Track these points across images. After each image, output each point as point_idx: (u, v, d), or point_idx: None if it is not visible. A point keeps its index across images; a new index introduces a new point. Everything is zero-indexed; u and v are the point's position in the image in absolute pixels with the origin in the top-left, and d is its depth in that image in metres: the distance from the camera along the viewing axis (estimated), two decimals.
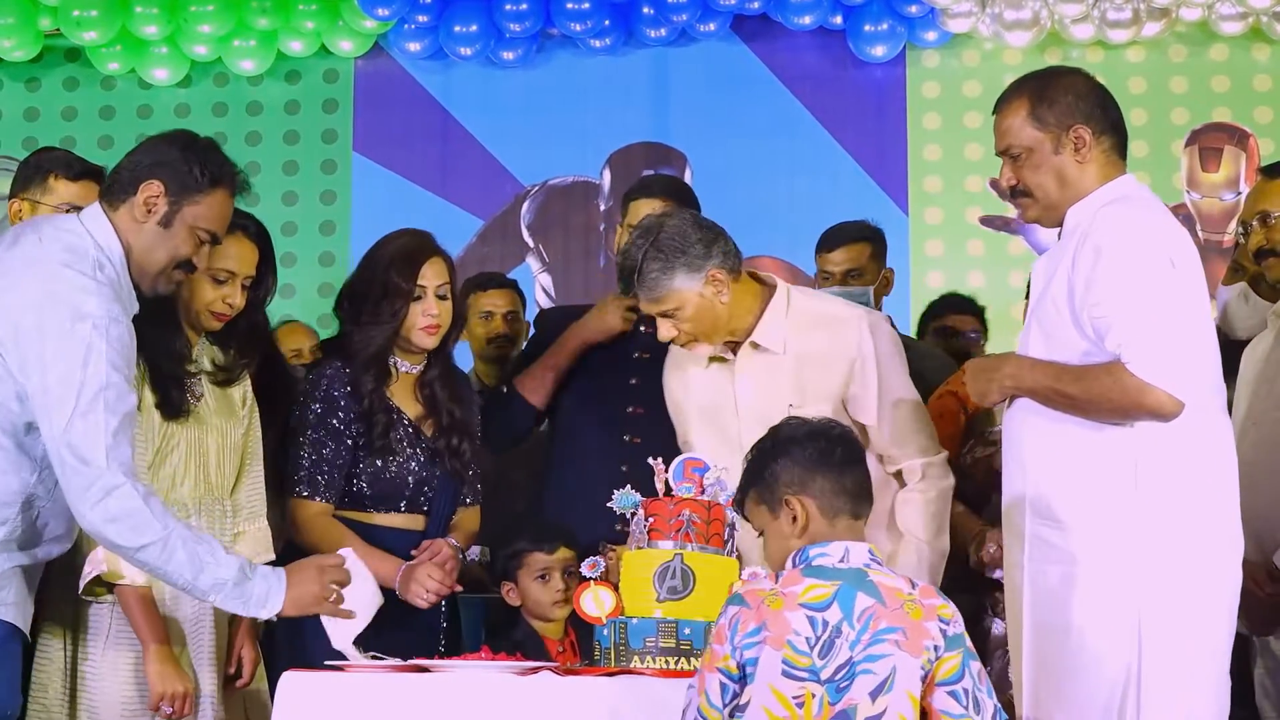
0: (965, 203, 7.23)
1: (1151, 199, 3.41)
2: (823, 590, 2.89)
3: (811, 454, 3.03)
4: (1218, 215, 7.21)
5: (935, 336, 5.44)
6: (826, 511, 3.00)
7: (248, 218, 3.76)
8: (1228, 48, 7.25)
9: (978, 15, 7.09)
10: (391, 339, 4.04)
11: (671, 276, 3.79)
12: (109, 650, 3.59)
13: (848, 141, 7.36)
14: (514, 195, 7.49)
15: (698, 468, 3.56)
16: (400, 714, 3.25)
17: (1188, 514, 3.24)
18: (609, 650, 3.46)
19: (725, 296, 3.83)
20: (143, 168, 3.37)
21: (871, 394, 3.87)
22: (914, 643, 2.87)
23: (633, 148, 7.48)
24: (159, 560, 3.25)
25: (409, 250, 4.10)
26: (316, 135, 7.59)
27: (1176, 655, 3.21)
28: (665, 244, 3.80)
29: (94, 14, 7.25)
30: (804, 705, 2.84)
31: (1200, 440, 3.26)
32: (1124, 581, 3.22)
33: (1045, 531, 3.31)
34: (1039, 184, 3.41)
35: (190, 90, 7.60)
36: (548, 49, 7.51)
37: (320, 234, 7.50)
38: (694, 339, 3.88)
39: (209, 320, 3.70)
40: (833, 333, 3.92)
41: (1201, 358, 3.27)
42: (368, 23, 7.35)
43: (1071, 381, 3.28)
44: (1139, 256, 3.24)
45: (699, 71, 7.46)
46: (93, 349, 3.19)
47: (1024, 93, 3.43)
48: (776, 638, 2.85)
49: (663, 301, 3.82)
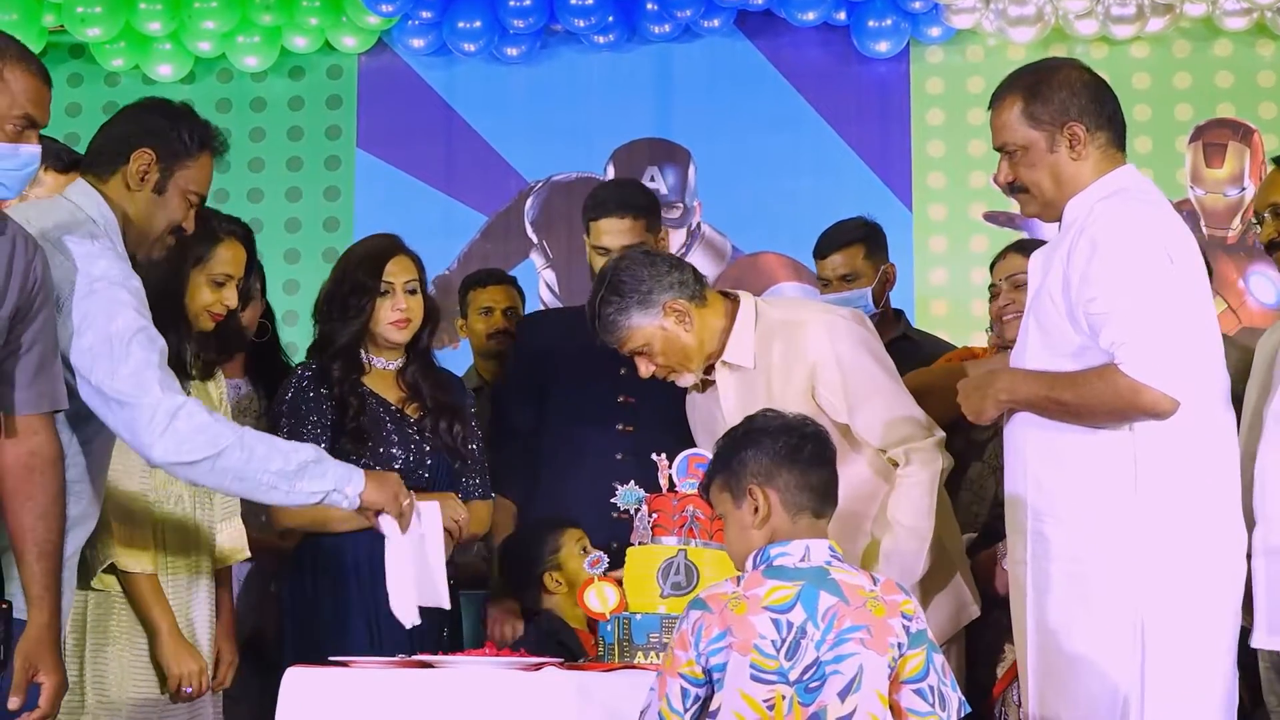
0: (969, 199, 7.23)
1: (1149, 191, 3.39)
2: (785, 592, 2.88)
3: (781, 447, 3.02)
4: (1222, 211, 7.20)
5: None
6: (789, 507, 2.99)
7: (235, 222, 3.97)
8: (1232, 43, 7.24)
9: (981, 11, 7.08)
10: (360, 333, 4.15)
11: (628, 316, 3.86)
12: (118, 640, 3.62)
13: (851, 137, 7.36)
14: (518, 191, 7.49)
15: (702, 463, 3.56)
16: (405, 709, 3.25)
17: (1188, 511, 3.23)
18: (613, 646, 3.46)
19: (689, 324, 3.88)
20: (131, 137, 3.39)
21: (839, 395, 3.86)
22: (879, 640, 2.87)
23: (636, 144, 7.47)
24: (242, 461, 3.25)
25: (375, 249, 4.24)
26: (320, 131, 7.59)
27: (1180, 653, 3.20)
28: (618, 287, 3.87)
29: (98, 10, 7.26)
30: (774, 708, 2.84)
31: (1200, 437, 3.25)
32: (1125, 580, 3.21)
33: (1047, 530, 3.31)
34: (1035, 181, 3.40)
35: (194, 86, 7.59)
36: (551, 45, 7.51)
37: (324, 230, 7.50)
38: (671, 370, 3.94)
39: (205, 321, 3.84)
40: (789, 340, 3.93)
41: (1198, 353, 3.24)
42: (371, 19, 7.35)
43: (1066, 388, 3.26)
44: (1134, 251, 3.22)
45: (703, 67, 7.46)
46: (115, 302, 3.20)
47: (1017, 89, 3.40)
48: (743, 643, 2.85)
49: (627, 342, 3.90)
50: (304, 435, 4.03)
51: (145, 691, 3.64)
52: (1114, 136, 3.40)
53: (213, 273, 3.83)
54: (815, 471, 3.02)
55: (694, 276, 3.94)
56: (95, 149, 3.43)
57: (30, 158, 3.08)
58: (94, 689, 3.59)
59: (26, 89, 3.08)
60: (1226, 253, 7.12)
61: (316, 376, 4.15)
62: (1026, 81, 3.41)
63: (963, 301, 7.07)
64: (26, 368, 3.06)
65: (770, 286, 7.26)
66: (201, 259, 3.84)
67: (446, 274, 7.06)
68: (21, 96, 3.08)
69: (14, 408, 3.07)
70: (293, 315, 5.96)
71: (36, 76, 3.11)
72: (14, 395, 3.07)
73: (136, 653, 3.66)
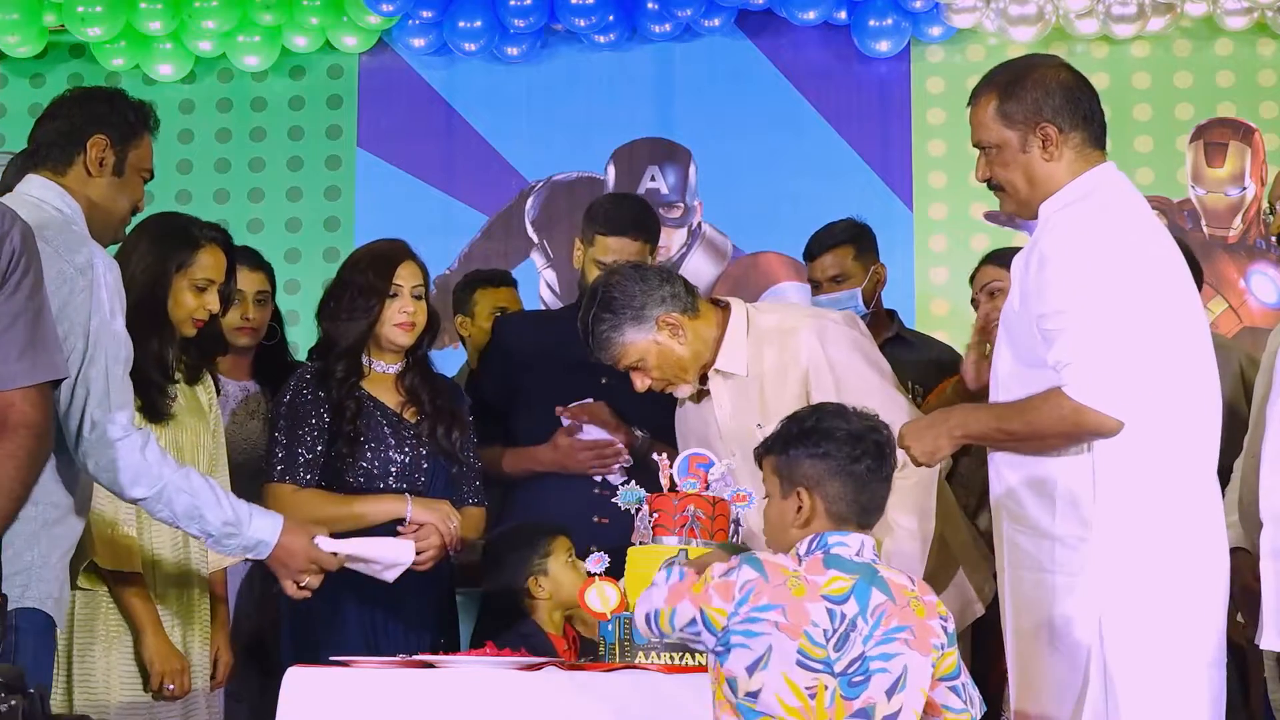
0: (969, 198, 7.21)
1: (1116, 196, 3.33)
2: (843, 583, 2.89)
3: (841, 459, 3.00)
4: (1223, 210, 7.19)
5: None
6: (833, 516, 2.99)
7: (214, 228, 4.03)
8: (1232, 43, 7.23)
9: (982, 10, 7.08)
10: (366, 334, 4.17)
11: (621, 333, 3.89)
12: (104, 640, 3.64)
13: (852, 137, 7.35)
14: (518, 191, 7.48)
15: (703, 463, 3.57)
16: (405, 710, 3.26)
17: (1147, 521, 3.20)
18: (613, 646, 3.46)
19: (683, 337, 3.91)
20: (82, 126, 3.41)
21: (833, 399, 3.86)
22: (922, 641, 2.89)
23: (637, 143, 7.47)
24: (158, 508, 3.31)
25: (384, 252, 4.26)
26: (321, 131, 7.58)
27: (1140, 659, 3.18)
28: (610, 303, 3.91)
29: (98, 10, 7.25)
30: (816, 696, 2.84)
31: (1162, 447, 3.21)
32: (1083, 589, 3.21)
33: (1019, 538, 3.32)
34: (1009, 180, 3.38)
35: (194, 86, 7.59)
36: (552, 44, 7.50)
37: (325, 230, 7.50)
38: (667, 383, 3.97)
39: (189, 327, 3.91)
40: (781, 346, 3.96)
41: (1155, 365, 3.19)
42: (372, 18, 7.35)
43: (1014, 417, 3.27)
44: (1080, 266, 3.18)
45: (703, 67, 7.45)
46: (94, 298, 3.20)
47: (993, 88, 3.39)
48: (794, 626, 2.84)
49: (621, 358, 3.93)
50: (302, 438, 4.05)
51: (135, 692, 3.65)
52: (1090, 136, 3.36)
53: (195, 278, 3.89)
54: (869, 488, 3.00)
55: (685, 288, 3.96)
56: (44, 144, 3.43)
57: None
58: (81, 689, 3.60)
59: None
60: (1227, 252, 7.11)
61: (317, 378, 4.16)
62: (1002, 80, 3.39)
63: (963, 301, 7.00)
64: (14, 341, 2.95)
65: (771, 286, 7.26)
66: (183, 265, 3.89)
67: (447, 274, 7.05)
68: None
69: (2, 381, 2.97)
70: (293, 315, 5.94)
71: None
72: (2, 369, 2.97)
73: (124, 653, 3.68)
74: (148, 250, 3.87)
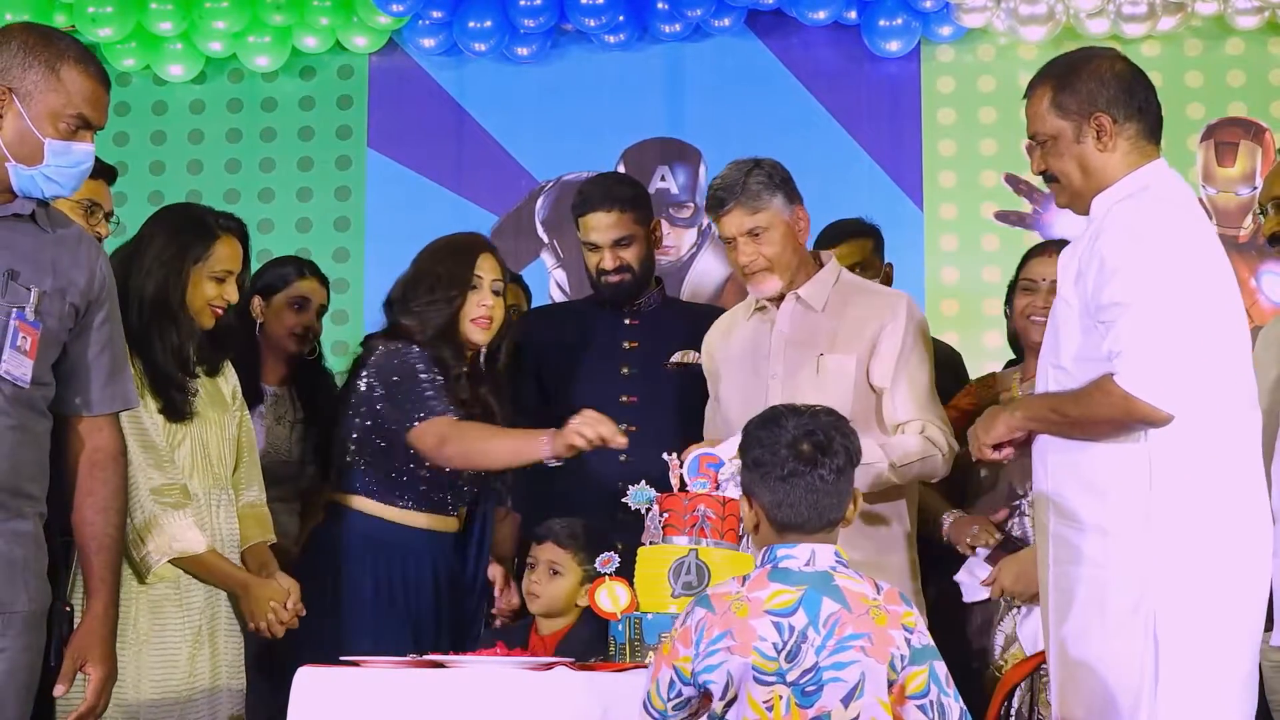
0: (980, 198, 7.21)
1: (1173, 191, 3.37)
2: (788, 596, 2.87)
3: (771, 466, 2.95)
4: (1234, 210, 7.18)
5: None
6: (777, 524, 2.96)
7: (230, 218, 4.04)
8: (1243, 42, 7.22)
9: (992, 10, 7.07)
10: (450, 322, 4.04)
11: (774, 194, 4.10)
12: (135, 643, 3.66)
13: (862, 136, 7.34)
14: (528, 191, 7.49)
15: (712, 463, 3.57)
16: (416, 709, 3.26)
17: (1203, 515, 3.22)
18: (624, 646, 3.46)
19: (802, 238, 4.14)
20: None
21: (892, 360, 4.02)
22: (880, 649, 2.86)
23: (647, 143, 7.47)
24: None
25: (466, 242, 4.19)
26: (331, 131, 7.59)
27: (1193, 655, 3.19)
28: (771, 170, 4.14)
29: (109, 10, 7.26)
30: (773, 709, 2.84)
31: (1215, 440, 3.24)
32: (1139, 583, 3.21)
33: (1066, 532, 3.31)
34: (1063, 171, 3.40)
35: (205, 86, 7.60)
36: (562, 45, 7.50)
37: (335, 230, 7.50)
38: (769, 268, 4.07)
39: (207, 318, 3.91)
40: (873, 298, 4.15)
41: (1207, 360, 3.22)
42: (382, 19, 7.35)
43: (1069, 404, 3.29)
44: (1140, 259, 3.21)
45: (713, 67, 7.44)
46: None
47: (1049, 79, 3.42)
48: (743, 645, 2.84)
49: (757, 216, 4.07)
50: (444, 383, 3.98)
51: (164, 692, 3.66)
52: (1145, 128, 3.38)
53: (213, 269, 3.91)
54: (813, 493, 2.93)
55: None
56: None
57: (84, 156, 3.12)
58: (119, 686, 3.60)
59: (83, 89, 3.11)
60: (1238, 251, 7.10)
61: (420, 354, 4.01)
62: (1057, 71, 3.42)
63: (974, 300, 7.06)
64: (101, 368, 3.17)
65: None
66: (201, 257, 3.88)
67: None
68: (78, 96, 3.11)
69: (90, 408, 3.19)
70: None
71: (94, 78, 3.14)
72: (90, 395, 3.18)
73: (155, 653, 3.68)
74: (164, 243, 3.87)
